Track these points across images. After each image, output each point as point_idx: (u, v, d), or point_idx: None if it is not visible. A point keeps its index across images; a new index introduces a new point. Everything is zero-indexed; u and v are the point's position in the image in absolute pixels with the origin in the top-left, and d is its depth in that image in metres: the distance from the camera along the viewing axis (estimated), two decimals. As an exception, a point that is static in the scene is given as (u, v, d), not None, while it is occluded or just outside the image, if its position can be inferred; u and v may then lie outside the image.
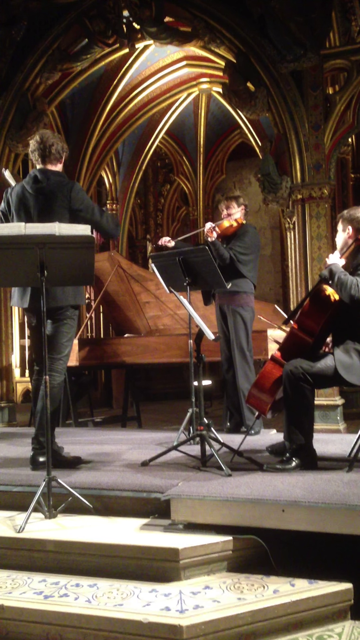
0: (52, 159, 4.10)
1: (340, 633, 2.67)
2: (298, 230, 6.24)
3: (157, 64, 9.18)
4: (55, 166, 4.14)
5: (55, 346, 4.04)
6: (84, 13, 6.83)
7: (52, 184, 4.03)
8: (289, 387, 3.59)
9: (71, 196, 3.99)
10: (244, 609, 2.61)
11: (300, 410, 3.60)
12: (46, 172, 4.08)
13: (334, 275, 3.60)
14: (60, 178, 4.10)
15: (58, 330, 4.06)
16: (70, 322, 4.11)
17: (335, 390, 6.03)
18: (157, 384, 11.06)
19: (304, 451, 3.65)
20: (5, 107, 7.05)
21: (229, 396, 5.31)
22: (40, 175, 4.07)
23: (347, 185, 9.22)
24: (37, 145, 4.09)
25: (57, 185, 4.03)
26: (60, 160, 4.17)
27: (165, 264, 4.52)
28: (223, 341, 5.28)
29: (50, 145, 4.08)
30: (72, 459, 4.12)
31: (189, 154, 12.12)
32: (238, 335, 5.16)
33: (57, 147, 4.11)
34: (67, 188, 4.01)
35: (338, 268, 3.64)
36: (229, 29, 6.34)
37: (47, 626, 2.67)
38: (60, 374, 4.08)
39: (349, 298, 3.55)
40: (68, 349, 4.13)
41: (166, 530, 3.12)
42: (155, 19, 6.59)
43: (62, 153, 4.15)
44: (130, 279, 7.04)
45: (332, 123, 6.12)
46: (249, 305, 5.23)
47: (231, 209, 5.32)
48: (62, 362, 4.09)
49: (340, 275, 3.58)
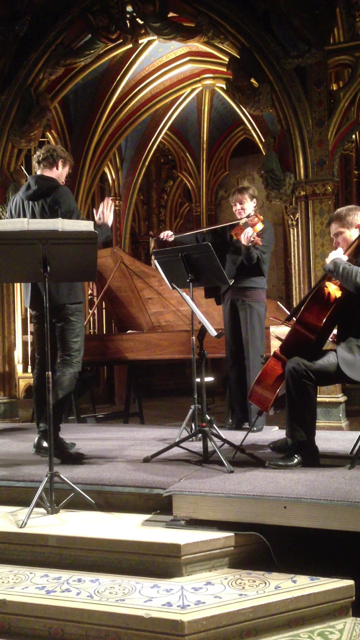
0: (45, 163, 4.21)
1: (342, 629, 2.67)
2: (301, 226, 6.23)
3: (160, 60, 9.17)
4: (50, 171, 4.23)
5: (63, 345, 4.17)
6: (87, 8, 6.81)
7: (41, 189, 4.12)
8: (291, 383, 3.58)
9: (55, 199, 4.06)
10: (245, 605, 2.61)
11: (303, 407, 3.60)
12: (37, 179, 4.18)
13: (338, 266, 3.59)
14: (49, 182, 4.17)
15: (63, 329, 4.16)
16: (74, 319, 4.17)
17: (338, 387, 6.02)
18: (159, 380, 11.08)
19: (306, 448, 3.65)
20: (9, 102, 7.04)
21: (232, 393, 5.31)
22: (32, 182, 4.18)
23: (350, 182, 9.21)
24: (36, 155, 4.24)
25: (46, 189, 4.11)
26: (55, 165, 4.24)
27: (168, 260, 4.51)
28: (229, 337, 5.23)
29: (46, 151, 4.21)
30: (75, 455, 4.14)
31: (192, 150, 12.10)
32: (254, 331, 5.10)
33: (52, 153, 4.21)
34: (51, 191, 4.10)
35: (342, 260, 3.63)
36: (233, 25, 6.32)
37: (49, 621, 2.68)
38: (73, 368, 4.16)
39: (355, 287, 3.53)
40: (78, 344, 4.20)
41: (168, 526, 3.12)
42: (158, 14, 6.57)
43: (55, 158, 4.22)
44: (132, 275, 7.04)
45: (336, 119, 6.10)
46: (264, 300, 5.24)
47: (244, 202, 5.19)
48: (75, 357, 4.18)
49: (345, 266, 3.57)
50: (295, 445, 3.65)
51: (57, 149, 4.28)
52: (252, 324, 5.10)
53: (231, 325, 5.23)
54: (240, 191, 5.22)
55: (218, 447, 3.75)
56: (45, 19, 6.93)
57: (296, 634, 2.65)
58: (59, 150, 4.27)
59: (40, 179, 4.17)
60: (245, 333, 5.13)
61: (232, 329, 5.23)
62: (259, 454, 4.00)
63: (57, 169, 4.24)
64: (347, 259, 3.71)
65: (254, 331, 5.11)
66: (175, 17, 6.65)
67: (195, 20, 6.48)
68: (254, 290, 5.15)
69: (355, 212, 3.78)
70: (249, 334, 5.10)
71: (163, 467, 3.80)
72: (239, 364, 5.23)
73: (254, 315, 5.10)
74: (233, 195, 5.27)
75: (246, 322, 5.11)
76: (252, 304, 5.11)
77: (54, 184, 4.17)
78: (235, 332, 5.21)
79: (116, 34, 6.86)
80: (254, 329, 5.11)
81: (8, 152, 7.18)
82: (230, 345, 5.25)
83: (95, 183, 9.89)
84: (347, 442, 4.29)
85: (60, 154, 4.25)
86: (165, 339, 6.35)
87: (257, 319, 5.11)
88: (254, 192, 5.28)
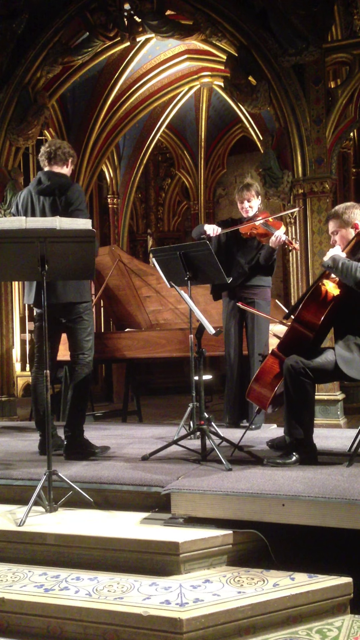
0: (57, 160, 4.20)
1: (340, 627, 2.68)
2: (299, 224, 6.23)
3: (158, 58, 9.15)
4: (61, 168, 4.23)
5: (75, 344, 4.18)
6: (85, 6, 6.80)
7: (53, 185, 4.11)
8: (289, 381, 3.59)
9: (67, 194, 4.07)
10: (243, 603, 2.62)
11: (301, 405, 3.60)
12: (49, 174, 4.17)
13: (337, 262, 3.58)
14: (62, 179, 4.17)
15: (74, 329, 4.17)
16: (86, 317, 4.19)
17: (336, 385, 6.03)
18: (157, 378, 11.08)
19: (304, 446, 3.66)
20: (6, 100, 7.03)
21: (230, 390, 5.29)
22: (43, 177, 4.16)
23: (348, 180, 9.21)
24: (44, 149, 4.22)
25: (58, 185, 4.11)
26: (66, 163, 4.25)
27: (166, 258, 4.51)
28: (235, 335, 5.17)
29: (56, 149, 4.19)
30: (102, 447, 4.22)
31: (190, 148, 12.08)
32: (260, 329, 5.08)
33: (63, 150, 4.21)
34: (65, 187, 4.10)
35: (340, 256, 3.64)
36: (230, 22, 6.31)
37: (47, 619, 2.68)
38: (87, 367, 4.17)
39: (355, 282, 3.53)
40: (90, 343, 4.22)
41: (166, 524, 3.13)
42: (156, 12, 6.56)
43: (67, 156, 4.22)
44: (131, 273, 7.03)
45: (333, 117, 6.10)
46: (270, 299, 5.26)
47: (252, 200, 5.11)
48: (87, 357, 4.19)
49: (344, 261, 3.57)
50: (293, 443, 3.65)
51: (66, 145, 4.27)
52: (259, 323, 5.08)
53: (234, 323, 5.18)
54: (248, 188, 5.12)
55: (216, 445, 3.75)
56: (42, 16, 6.92)
57: (294, 632, 2.65)
58: (68, 147, 4.28)
59: (52, 174, 4.16)
60: (252, 332, 5.10)
61: (234, 326, 5.18)
62: (257, 451, 4.01)
63: (67, 166, 4.26)
64: (345, 256, 3.71)
65: (260, 330, 5.10)
66: (172, 15, 6.64)
67: (192, 18, 6.48)
68: (262, 289, 5.15)
69: (353, 209, 3.78)
70: (255, 333, 5.09)
71: (161, 465, 3.81)
72: (242, 362, 5.22)
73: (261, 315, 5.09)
74: (240, 192, 5.15)
75: (253, 320, 5.10)
76: (260, 302, 5.11)
77: (67, 180, 4.19)
78: (240, 330, 5.19)
79: (114, 32, 6.85)
80: (260, 327, 5.09)
81: (6, 150, 7.17)
82: (234, 344, 5.18)
83: (93, 181, 9.88)
84: (345, 439, 4.30)
85: (70, 151, 4.26)
86: (164, 337, 6.34)
87: (264, 318, 5.10)
88: (259, 189, 5.23)
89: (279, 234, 4.88)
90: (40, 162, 4.27)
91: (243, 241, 5.11)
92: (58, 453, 4.12)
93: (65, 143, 4.34)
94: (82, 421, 4.17)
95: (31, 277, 3.76)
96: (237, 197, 5.23)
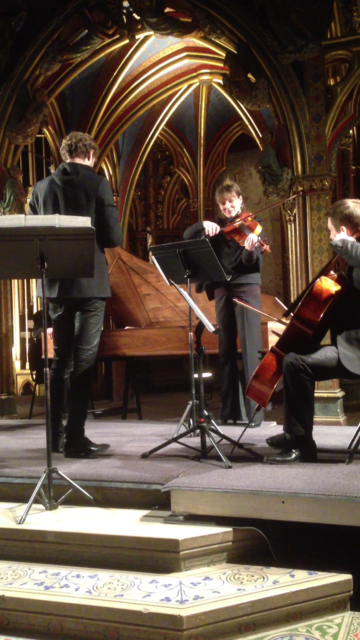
0: (79, 152, 4.19)
1: (340, 624, 2.68)
2: (299, 222, 6.23)
3: (157, 55, 9.13)
4: (83, 161, 4.23)
5: (84, 337, 4.17)
6: (83, 4, 6.79)
7: (81, 177, 4.10)
8: (288, 378, 3.59)
9: (99, 189, 4.06)
10: (243, 600, 2.62)
11: (300, 402, 3.61)
12: (75, 166, 4.16)
13: (346, 243, 3.59)
14: (89, 172, 4.18)
15: (87, 322, 4.17)
16: (99, 314, 4.21)
17: (336, 382, 6.03)
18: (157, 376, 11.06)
19: (303, 443, 3.66)
20: (5, 98, 7.02)
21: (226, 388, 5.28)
22: (70, 168, 4.15)
23: (348, 177, 9.19)
24: (66, 142, 4.21)
25: (87, 178, 4.11)
26: (88, 156, 4.24)
27: (165, 256, 4.51)
28: (224, 333, 5.21)
29: (77, 141, 4.18)
30: (102, 445, 4.24)
31: (190, 146, 12.07)
32: (251, 327, 5.10)
33: (84, 142, 4.20)
34: (95, 181, 4.09)
35: (349, 238, 3.65)
36: (229, 20, 6.31)
37: (47, 616, 2.69)
38: (89, 363, 4.17)
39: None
40: (97, 340, 4.23)
41: (166, 522, 3.13)
42: (155, 9, 6.55)
43: (88, 148, 4.21)
44: (130, 271, 7.03)
45: (333, 114, 6.09)
46: (259, 296, 5.26)
47: (233, 200, 5.18)
48: (92, 352, 4.19)
49: (353, 242, 3.59)
50: (293, 440, 3.65)
51: (87, 137, 4.25)
52: (249, 319, 5.10)
53: (227, 321, 5.22)
54: (228, 189, 5.17)
55: (216, 443, 3.75)
56: (41, 14, 6.91)
57: (294, 628, 2.66)
58: (90, 139, 4.26)
59: (80, 166, 4.15)
60: (242, 329, 5.12)
61: (228, 325, 5.22)
62: (257, 449, 4.01)
63: (88, 159, 4.24)
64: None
65: (251, 327, 5.11)
66: (172, 12, 6.63)
67: (192, 15, 6.47)
68: (250, 286, 5.16)
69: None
70: (246, 330, 5.10)
71: (161, 462, 3.81)
72: (232, 360, 5.24)
73: (251, 311, 5.09)
74: (220, 194, 5.21)
75: (243, 318, 5.11)
76: (249, 299, 5.11)
77: (94, 174, 4.20)
78: (231, 329, 5.21)
79: (113, 29, 6.84)
80: (250, 325, 5.11)
81: (5, 148, 7.16)
82: (224, 342, 5.24)
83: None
84: (344, 437, 4.30)
85: (92, 143, 4.25)
86: (163, 335, 6.34)
87: (254, 315, 5.11)
88: (239, 189, 5.27)
89: (252, 237, 4.90)
90: (62, 155, 4.25)
91: (226, 241, 5.14)
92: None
93: (87, 135, 4.31)
94: (83, 419, 4.16)
95: (31, 275, 3.76)
96: (217, 198, 5.28)
